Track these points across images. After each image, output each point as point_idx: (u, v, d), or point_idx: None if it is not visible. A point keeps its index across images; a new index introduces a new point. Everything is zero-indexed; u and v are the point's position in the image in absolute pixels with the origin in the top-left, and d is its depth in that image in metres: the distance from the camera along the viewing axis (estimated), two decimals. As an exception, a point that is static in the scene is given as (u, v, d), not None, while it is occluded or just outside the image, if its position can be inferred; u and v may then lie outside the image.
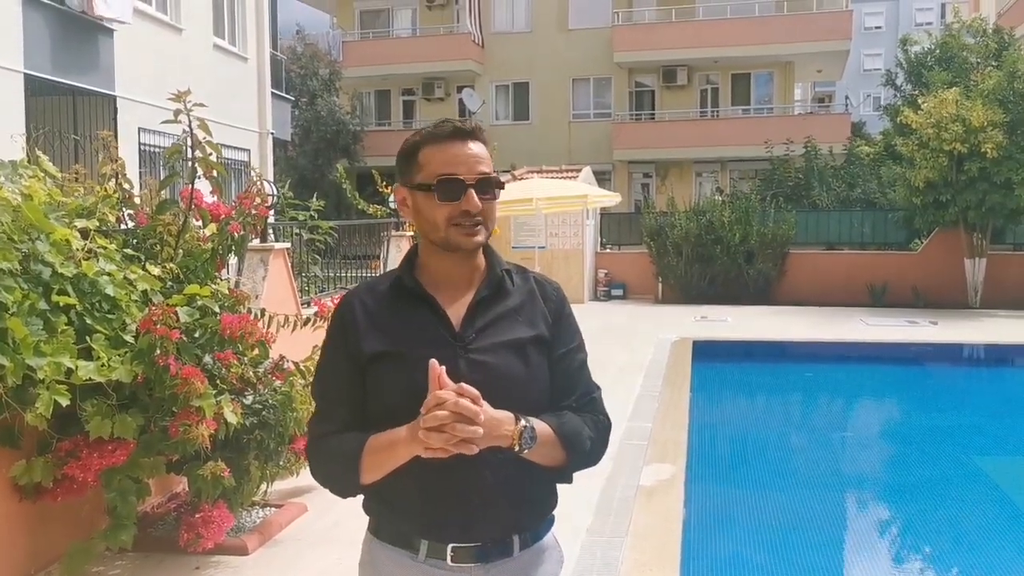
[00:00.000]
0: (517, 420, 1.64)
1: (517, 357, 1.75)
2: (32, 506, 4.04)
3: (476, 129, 1.77)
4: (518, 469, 1.70)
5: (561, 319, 1.85)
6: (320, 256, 8.72)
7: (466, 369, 1.69)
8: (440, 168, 1.72)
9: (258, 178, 5.41)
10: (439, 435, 1.53)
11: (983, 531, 6.22)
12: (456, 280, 1.79)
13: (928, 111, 15.18)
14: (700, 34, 27.69)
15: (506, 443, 1.63)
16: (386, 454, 1.66)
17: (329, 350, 1.82)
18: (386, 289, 1.80)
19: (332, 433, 1.75)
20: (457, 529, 1.72)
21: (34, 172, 4.25)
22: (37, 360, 3.50)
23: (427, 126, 1.79)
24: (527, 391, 1.74)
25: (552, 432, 1.71)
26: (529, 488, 1.78)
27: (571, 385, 1.83)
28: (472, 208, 1.70)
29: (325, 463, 1.77)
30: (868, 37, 46.74)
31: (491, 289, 1.79)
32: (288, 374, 4.78)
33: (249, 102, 17.19)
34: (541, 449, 1.68)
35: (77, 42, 11.85)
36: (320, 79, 28.40)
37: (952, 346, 12.74)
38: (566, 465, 1.77)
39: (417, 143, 1.77)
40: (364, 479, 1.70)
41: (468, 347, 1.72)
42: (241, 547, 4.55)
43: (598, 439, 1.82)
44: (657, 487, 5.75)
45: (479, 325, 1.75)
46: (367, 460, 1.68)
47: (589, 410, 1.83)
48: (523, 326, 1.79)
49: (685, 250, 17.39)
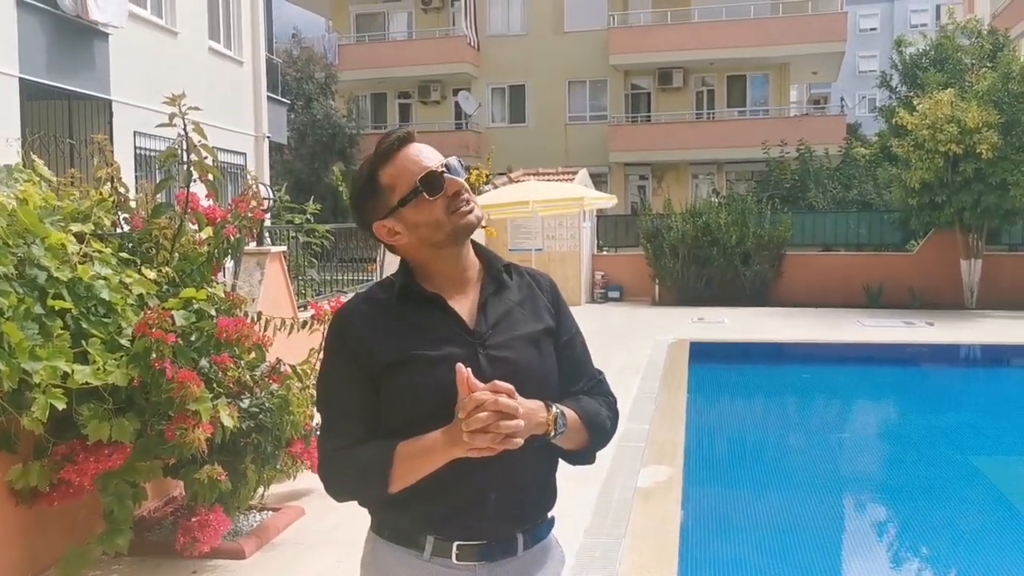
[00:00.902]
0: (548, 408, 1.69)
1: (533, 350, 1.79)
2: (28, 510, 4.03)
3: (412, 133, 1.81)
4: (522, 467, 1.71)
5: (560, 307, 1.91)
6: (316, 259, 8.72)
7: (487, 365, 1.70)
8: (414, 171, 1.74)
9: (254, 181, 5.41)
10: (484, 435, 1.55)
11: (980, 531, 6.23)
12: (456, 280, 1.80)
13: (923, 112, 15.20)
14: (696, 36, 27.73)
15: (542, 430, 1.66)
16: (422, 460, 1.65)
17: (332, 365, 1.79)
18: (386, 297, 1.79)
19: (347, 447, 1.73)
20: (463, 527, 1.73)
21: (29, 176, 4.25)
22: (33, 364, 3.49)
23: (364, 159, 1.81)
24: (544, 382, 1.77)
25: (577, 416, 1.77)
26: (533, 485, 1.80)
27: (579, 370, 1.89)
28: (459, 186, 1.74)
29: (347, 476, 1.74)
30: (863, 39, 46.86)
31: (495, 285, 1.82)
32: (285, 377, 4.78)
33: (245, 105, 17.18)
34: (570, 433, 1.73)
35: (72, 46, 11.83)
36: (316, 82, 28.37)
37: (948, 347, 12.76)
38: (588, 446, 1.83)
39: (371, 171, 1.77)
40: (393, 488, 1.68)
41: (485, 343, 1.74)
42: (238, 551, 4.54)
43: (613, 417, 1.91)
44: (655, 489, 5.75)
45: (492, 320, 1.77)
46: (399, 468, 1.67)
47: (599, 392, 1.91)
48: (531, 319, 1.82)
49: (682, 252, 17.39)
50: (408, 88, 31.20)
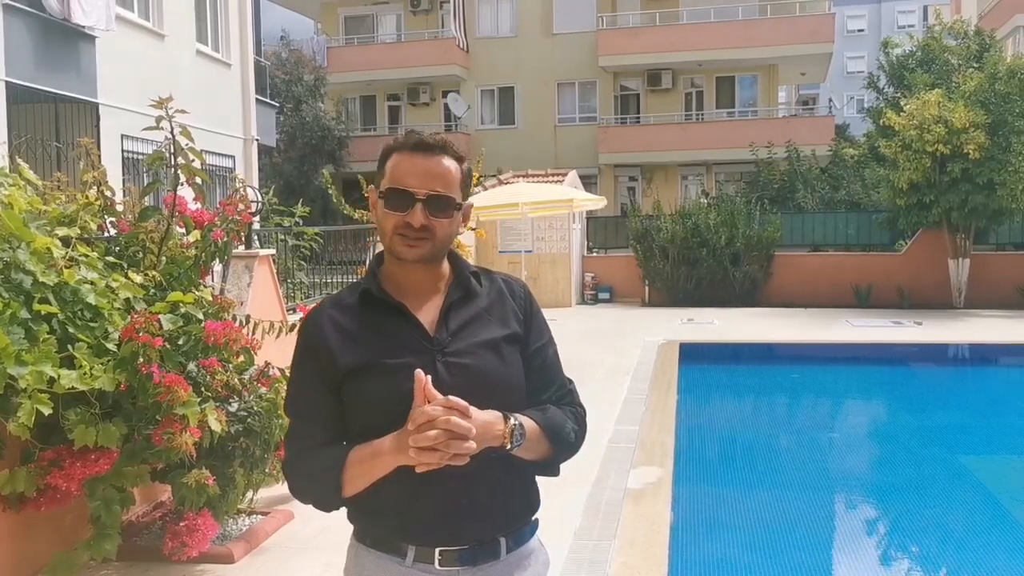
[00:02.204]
0: (506, 419, 1.66)
1: (493, 355, 1.76)
2: (15, 516, 4.00)
3: (444, 144, 1.75)
4: (504, 469, 1.71)
5: (532, 315, 1.87)
6: (306, 262, 8.69)
7: (445, 372, 1.69)
8: (395, 178, 1.73)
9: (242, 184, 5.39)
10: (432, 453, 1.54)
11: (968, 530, 6.26)
12: (422, 287, 1.79)
13: (911, 113, 15.28)
14: (684, 37, 27.79)
15: (498, 443, 1.64)
16: (369, 464, 1.66)
17: (298, 369, 1.81)
18: (354, 302, 1.79)
19: (307, 449, 1.75)
20: (445, 532, 1.72)
21: (14, 180, 4.22)
22: (19, 369, 3.47)
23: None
24: (505, 389, 1.75)
25: (538, 427, 1.73)
26: (515, 488, 1.79)
27: (548, 379, 1.86)
28: (414, 222, 1.70)
29: (305, 480, 1.77)
30: (851, 40, 47.03)
31: (461, 292, 1.80)
32: (274, 381, 4.76)
33: (233, 108, 17.12)
34: (529, 445, 1.70)
35: (59, 49, 11.77)
36: (305, 85, 28.33)
37: (937, 346, 12.82)
38: (551, 458, 1.79)
39: (389, 149, 1.78)
40: (346, 491, 1.70)
41: (444, 350, 1.73)
42: (227, 555, 4.52)
43: (579, 430, 1.85)
44: (644, 490, 5.75)
45: (453, 328, 1.75)
46: (349, 472, 1.68)
47: (567, 402, 1.87)
48: (496, 325, 1.80)
49: (671, 253, 17.43)
50: (397, 90, 31.17)
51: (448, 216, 1.74)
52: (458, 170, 1.76)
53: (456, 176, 1.75)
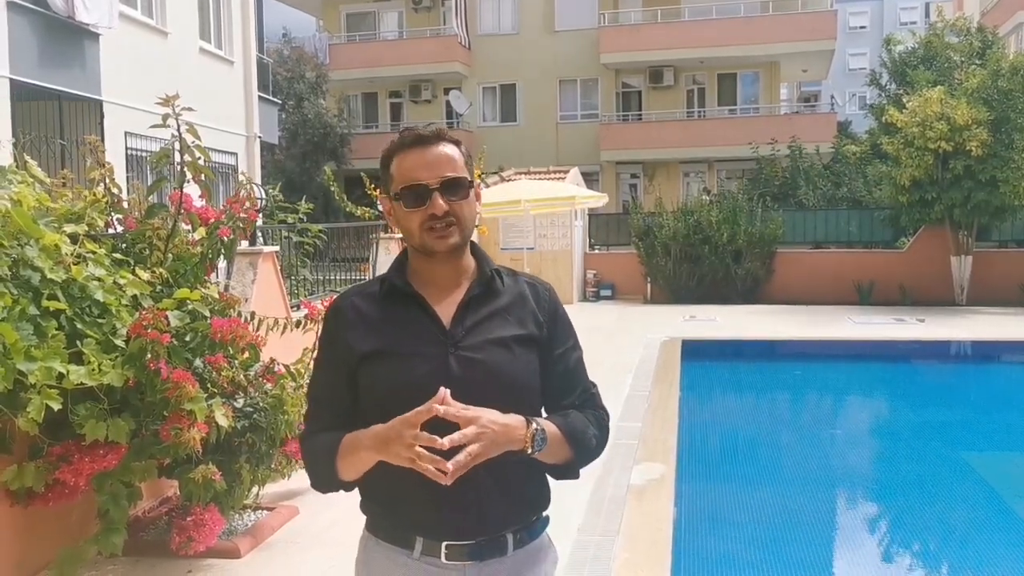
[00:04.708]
0: (528, 424, 1.67)
1: (505, 353, 1.77)
2: (23, 511, 4.03)
3: (439, 132, 1.79)
4: (513, 467, 1.72)
5: (556, 320, 1.88)
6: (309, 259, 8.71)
7: (456, 366, 1.72)
8: (405, 176, 1.76)
9: (248, 182, 5.41)
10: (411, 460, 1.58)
11: (971, 526, 6.27)
12: (445, 281, 1.82)
13: (913, 110, 15.27)
14: (686, 35, 27.78)
15: (519, 447, 1.66)
16: (352, 456, 1.71)
17: (319, 353, 1.89)
18: (377, 291, 1.83)
19: (315, 432, 1.82)
20: (452, 527, 1.74)
21: (23, 178, 4.24)
22: (28, 365, 3.50)
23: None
24: (515, 386, 1.77)
25: (559, 431, 1.75)
26: (523, 486, 1.81)
27: (571, 383, 1.88)
28: (437, 211, 1.73)
29: (308, 461, 1.83)
30: (853, 37, 47.01)
31: (481, 288, 1.82)
32: (279, 377, 4.79)
33: (236, 105, 17.14)
34: (550, 449, 1.72)
35: (63, 47, 11.80)
36: (307, 82, 28.34)
37: (939, 343, 12.83)
38: (572, 461, 1.81)
39: (389, 153, 1.81)
40: (344, 476, 1.75)
41: (458, 344, 1.75)
42: (233, 550, 4.55)
43: (601, 434, 1.89)
44: (647, 486, 5.77)
45: (469, 323, 1.78)
46: (342, 458, 1.73)
47: (590, 406, 1.90)
48: (512, 325, 1.81)
49: (673, 250, 17.42)
50: (399, 87, 31.17)
51: (465, 196, 1.77)
52: (459, 152, 1.80)
53: (460, 158, 1.79)
